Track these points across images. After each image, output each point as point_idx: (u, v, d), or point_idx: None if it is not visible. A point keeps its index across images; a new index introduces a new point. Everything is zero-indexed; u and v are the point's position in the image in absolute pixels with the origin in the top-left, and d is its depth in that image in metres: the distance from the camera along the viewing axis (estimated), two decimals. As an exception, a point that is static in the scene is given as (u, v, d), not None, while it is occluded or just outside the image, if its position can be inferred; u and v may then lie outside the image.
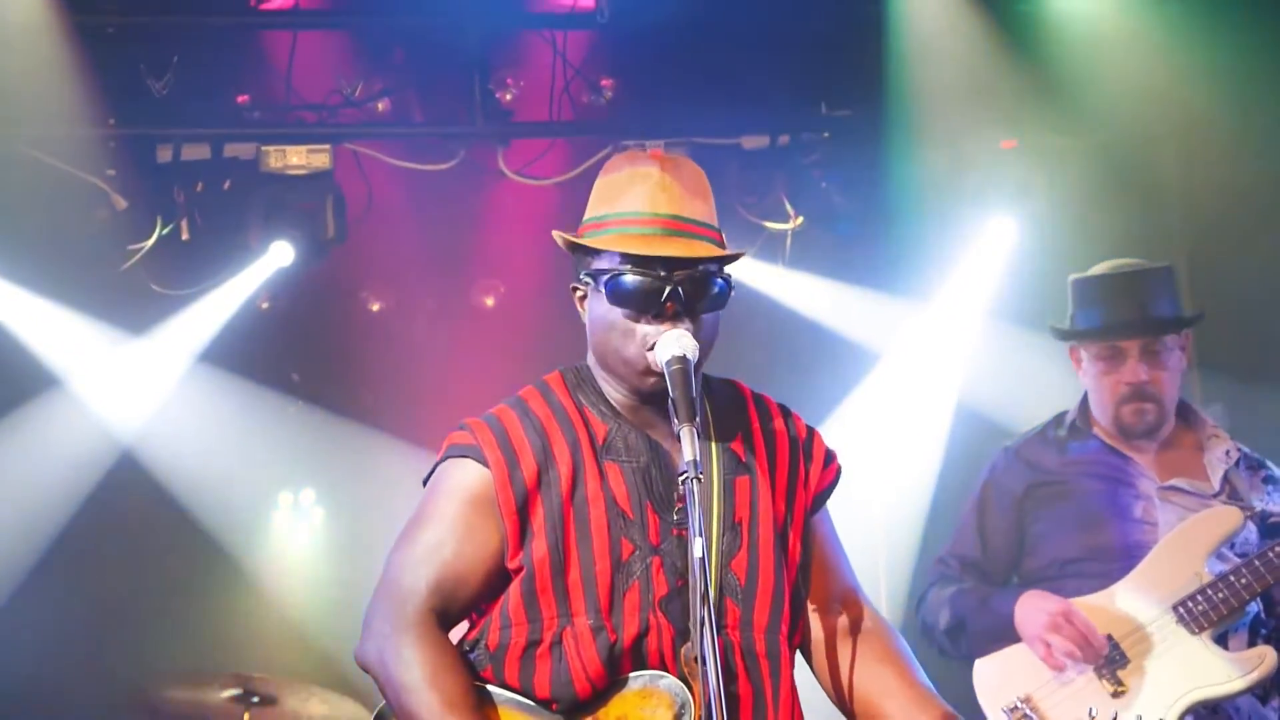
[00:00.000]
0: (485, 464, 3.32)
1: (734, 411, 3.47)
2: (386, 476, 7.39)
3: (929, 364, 7.33)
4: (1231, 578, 4.82)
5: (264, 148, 6.79)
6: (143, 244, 6.83)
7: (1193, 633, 4.82)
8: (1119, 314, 5.12)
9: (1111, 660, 4.85)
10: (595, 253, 3.36)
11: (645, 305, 3.29)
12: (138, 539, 7.43)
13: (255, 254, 7.03)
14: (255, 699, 6.50)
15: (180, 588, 7.53)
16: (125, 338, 7.05)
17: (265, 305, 7.84)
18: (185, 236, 6.92)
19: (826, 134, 7.13)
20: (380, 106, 6.94)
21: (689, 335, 3.25)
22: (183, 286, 7.08)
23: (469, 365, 7.66)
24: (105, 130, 6.62)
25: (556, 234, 3.44)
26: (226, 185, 6.93)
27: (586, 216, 3.43)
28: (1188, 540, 4.91)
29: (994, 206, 7.07)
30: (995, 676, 4.99)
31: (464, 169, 7.10)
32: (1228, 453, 5.13)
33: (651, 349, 3.29)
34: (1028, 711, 4.84)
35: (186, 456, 7.50)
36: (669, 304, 3.28)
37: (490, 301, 8.06)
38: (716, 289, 3.34)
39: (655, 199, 3.34)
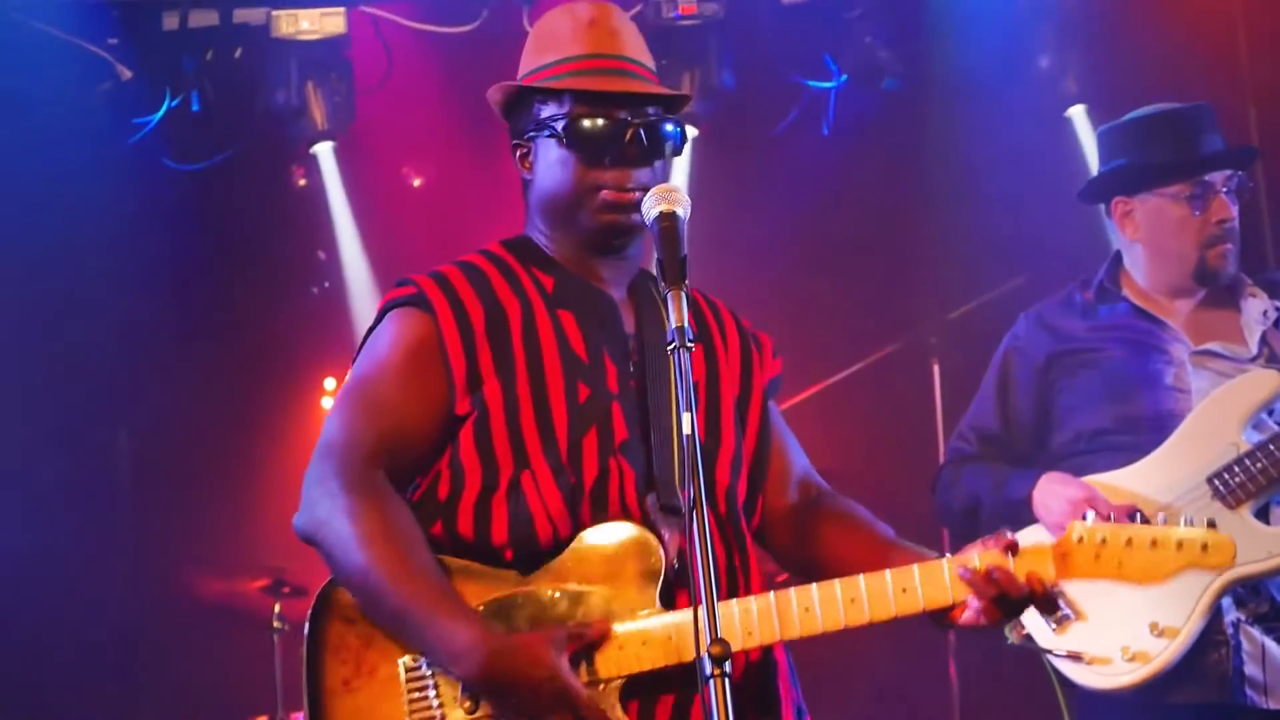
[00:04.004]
0: (430, 309, 3.17)
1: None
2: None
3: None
4: (1271, 446, 4.40)
5: (274, 12, 6.53)
6: (150, 117, 6.56)
7: (1230, 507, 4.40)
8: (1196, 148, 4.68)
9: (1143, 539, 4.45)
10: (540, 104, 3.23)
11: (606, 147, 3.17)
12: (166, 434, 7.25)
13: (273, 125, 6.76)
14: (286, 589, 6.59)
15: (212, 481, 7.38)
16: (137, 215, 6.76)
17: (302, 182, 7.61)
18: (196, 108, 6.65)
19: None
20: (394, -35, 6.67)
21: (679, 190, 3.04)
22: (197, 160, 6.81)
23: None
24: (106, -5, 6.37)
25: (495, 88, 3.29)
26: (237, 53, 6.67)
27: (524, 70, 3.30)
28: (1223, 407, 4.50)
29: (1047, 53, 6.73)
30: (1016, 558, 4.64)
31: (488, 29, 6.73)
32: (1265, 313, 4.71)
33: (604, 196, 3.17)
34: None
35: (210, 345, 7.30)
36: (632, 148, 3.16)
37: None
38: (675, 132, 3.24)
39: (601, 41, 3.25)
